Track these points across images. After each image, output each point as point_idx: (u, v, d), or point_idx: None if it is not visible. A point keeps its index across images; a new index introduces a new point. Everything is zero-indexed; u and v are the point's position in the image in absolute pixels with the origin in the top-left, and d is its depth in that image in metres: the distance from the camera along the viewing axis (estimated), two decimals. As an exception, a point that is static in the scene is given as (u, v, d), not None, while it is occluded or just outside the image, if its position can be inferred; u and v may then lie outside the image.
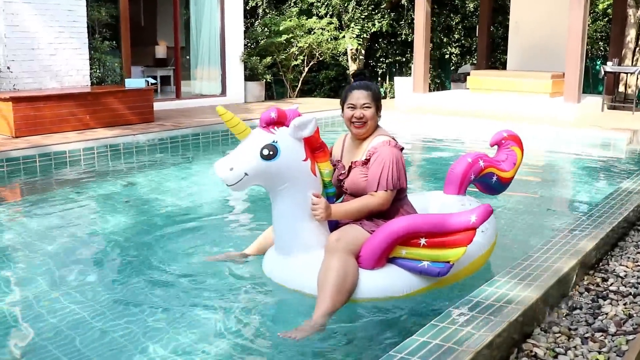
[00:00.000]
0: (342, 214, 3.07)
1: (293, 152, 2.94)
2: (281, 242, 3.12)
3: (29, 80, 8.07)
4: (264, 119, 2.93)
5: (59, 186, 5.98)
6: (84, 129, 7.67)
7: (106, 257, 3.83)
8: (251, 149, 2.87)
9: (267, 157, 2.86)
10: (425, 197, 3.84)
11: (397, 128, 9.78)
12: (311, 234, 3.05)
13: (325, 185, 3.12)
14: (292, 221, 3.03)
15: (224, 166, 2.84)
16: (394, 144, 3.12)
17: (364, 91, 3.15)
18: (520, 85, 10.65)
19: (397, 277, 3.03)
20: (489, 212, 2.96)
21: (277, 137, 2.91)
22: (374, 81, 16.55)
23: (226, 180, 2.85)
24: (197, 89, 11.91)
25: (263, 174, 2.89)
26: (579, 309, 2.98)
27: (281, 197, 3.00)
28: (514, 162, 4.02)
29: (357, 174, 3.14)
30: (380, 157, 3.05)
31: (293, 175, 2.95)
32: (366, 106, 3.13)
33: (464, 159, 3.84)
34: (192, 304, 3.07)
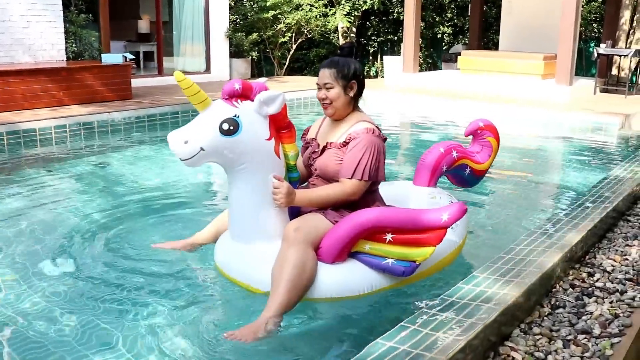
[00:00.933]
0: (306, 202, 2.81)
1: (256, 130, 2.67)
2: (236, 229, 2.85)
3: (0, 54, 7.74)
4: (226, 91, 2.66)
5: (28, 166, 5.72)
6: (57, 105, 7.38)
7: (67, 243, 3.59)
8: (210, 122, 2.59)
9: (226, 132, 2.59)
10: (393, 186, 3.58)
11: (385, 108, 9.57)
12: (269, 221, 2.79)
13: (289, 168, 2.86)
14: (249, 206, 2.76)
15: (178, 138, 2.56)
16: (377, 133, 2.86)
17: (328, 69, 2.87)
18: (512, 67, 10.42)
19: (358, 273, 2.78)
20: (462, 211, 2.73)
21: (240, 112, 2.63)
22: (365, 60, 16.40)
23: (179, 154, 2.58)
24: (180, 65, 11.62)
25: (221, 151, 2.62)
26: (562, 308, 2.79)
27: (239, 178, 2.73)
28: (489, 154, 3.81)
29: (330, 156, 2.87)
30: (362, 143, 2.78)
31: (254, 155, 2.68)
32: (328, 86, 2.86)
33: (436, 148, 3.61)
34: (132, 299, 2.84)
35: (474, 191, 4.95)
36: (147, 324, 2.61)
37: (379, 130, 2.90)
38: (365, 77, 3.00)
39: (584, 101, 9.15)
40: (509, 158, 6.47)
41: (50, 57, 8.20)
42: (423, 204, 3.29)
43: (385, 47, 15.89)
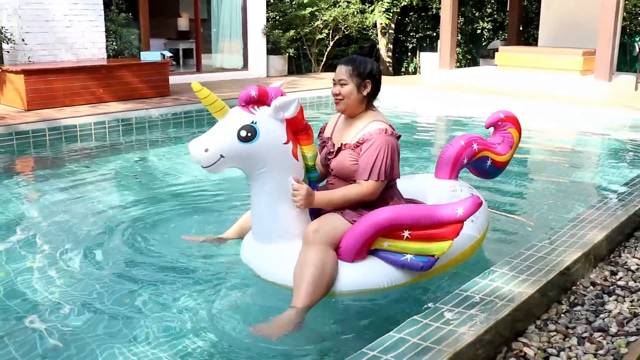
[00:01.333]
0: (325, 203, 2.87)
1: (273, 135, 2.73)
2: (259, 229, 2.94)
3: (44, 52, 8.02)
4: (243, 98, 2.73)
5: (68, 161, 5.93)
6: (97, 102, 7.61)
7: (102, 235, 3.73)
8: (228, 130, 2.66)
9: (244, 138, 2.66)
10: (414, 180, 3.62)
11: (420, 104, 9.54)
12: (291, 222, 2.86)
13: (308, 169, 2.92)
14: (270, 208, 2.84)
15: (198, 146, 2.64)
16: (390, 132, 2.89)
17: (344, 66, 2.91)
18: (550, 62, 10.24)
19: (379, 270, 2.83)
20: (477, 204, 2.75)
21: (257, 118, 2.70)
22: (404, 56, 16.31)
23: (200, 162, 2.67)
24: (218, 62, 11.79)
25: (240, 157, 2.69)
26: (580, 306, 2.79)
27: (260, 182, 2.81)
28: (510, 145, 3.80)
29: (345, 156, 2.92)
30: (376, 144, 2.82)
31: (272, 159, 2.75)
32: (342, 82, 2.90)
33: (457, 141, 3.62)
34: (159, 291, 2.94)
35: (504, 187, 4.94)
36: (172, 316, 2.71)
37: (392, 129, 2.93)
38: (380, 77, 3.01)
39: (623, 97, 8.94)
40: (542, 155, 6.41)
41: (91, 55, 8.45)
42: (444, 197, 3.33)
43: (424, 43, 15.78)
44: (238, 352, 2.48)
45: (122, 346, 2.49)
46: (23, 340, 2.54)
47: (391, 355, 2.05)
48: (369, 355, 2.06)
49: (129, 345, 2.50)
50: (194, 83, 2.68)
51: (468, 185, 3.61)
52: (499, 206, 4.42)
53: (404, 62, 16.30)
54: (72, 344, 2.50)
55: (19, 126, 6.28)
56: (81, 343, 2.52)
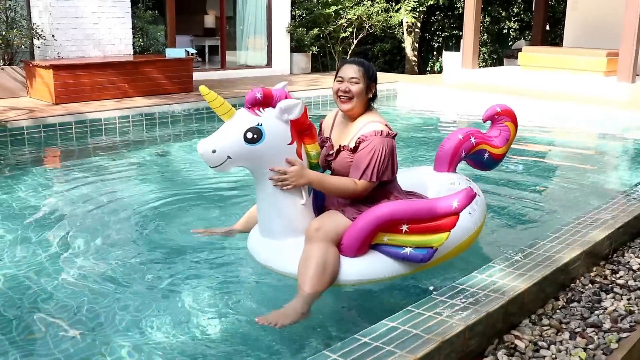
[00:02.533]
0: (316, 183, 2.95)
1: (278, 136, 2.85)
2: (264, 225, 3.06)
3: (73, 48, 8.26)
4: (248, 100, 2.83)
5: (93, 153, 6.13)
6: (123, 97, 7.82)
7: (122, 227, 3.86)
8: (235, 132, 2.78)
9: (251, 140, 2.78)
10: (414, 173, 3.74)
11: (440, 104, 9.57)
12: (295, 219, 2.98)
13: (311, 167, 3.04)
14: (275, 205, 2.96)
15: (206, 147, 2.76)
16: (386, 133, 2.98)
17: (356, 66, 3.01)
18: (574, 63, 10.18)
19: (380, 263, 2.95)
20: (471, 196, 2.84)
21: (262, 120, 2.81)
22: (429, 55, 16.31)
23: (208, 162, 2.79)
24: (242, 59, 11.94)
25: (246, 158, 2.82)
26: (576, 302, 2.85)
27: (265, 181, 2.92)
28: (507, 138, 3.90)
29: (344, 159, 3.03)
30: (371, 145, 2.92)
31: (278, 159, 2.87)
32: (354, 80, 2.99)
33: (455, 135, 3.74)
34: (169, 282, 3.06)
35: (517, 184, 4.99)
36: (180, 306, 2.83)
37: (388, 129, 3.01)
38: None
39: (647, 99, 8.86)
40: (560, 155, 6.43)
41: (118, 51, 8.67)
42: (442, 190, 3.44)
43: (450, 43, 15.77)
44: (245, 340, 2.59)
45: (132, 333, 2.62)
46: (37, 329, 2.67)
47: (381, 342, 2.14)
48: (360, 341, 2.16)
49: (139, 333, 2.62)
50: (201, 87, 2.82)
51: (466, 178, 3.71)
52: (508, 202, 4.48)
53: (429, 61, 16.29)
54: (87, 334, 2.63)
55: (46, 119, 6.50)
56: (93, 332, 2.65)
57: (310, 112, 3.25)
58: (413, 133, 7.52)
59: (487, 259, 3.43)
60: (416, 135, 7.34)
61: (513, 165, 5.68)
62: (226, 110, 2.81)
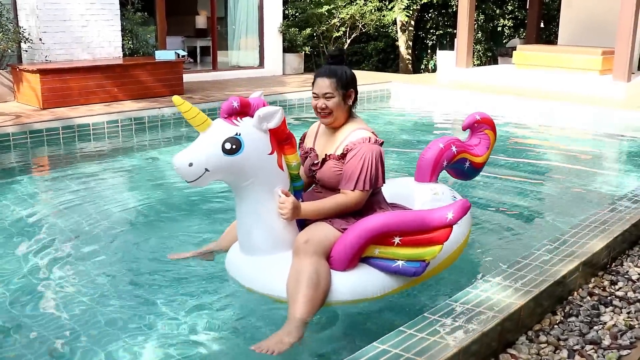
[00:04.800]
0: (312, 214, 2.86)
1: (258, 146, 2.71)
2: (246, 242, 2.92)
3: (61, 51, 8.12)
4: (225, 109, 2.70)
5: (80, 160, 6.01)
6: (112, 101, 7.69)
7: (105, 238, 3.75)
8: (212, 143, 2.63)
9: (229, 151, 2.63)
10: (395, 184, 3.62)
11: (433, 104, 9.48)
12: (279, 234, 2.85)
13: (292, 178, 2.91)
14: (257, 220, 2.81)
15: (182, 161, 2.59)
16: (374, 140, 2.88)
17: (327, 79, 2.86)
18: (569, 62, 10.10)
19: (371, 278, 2.83)
20: (466, 208, 2.75)
21: (241, 130, 2.67)
22: (423, 53, 16.21)
23: (185, 177, 2.61)
24: (234, 60, 11.82)
25: (225, 170, 2.67)
26: (574, 317, 2.76)
27: (245, 194, 2.78)
28: (487, 147, 3.87)
29: (330, 168, 2.92)
30: (360, 153, 2.82)
31: (258, 171, 2.72)
32: (328, 96, 2.87)
33: (436, 144, 3.66)
34: (152, 312, 2.85)
35: (511, 190, 4.89)
36: (168, 336, 2.66)
37: (375, 136, 2.91)
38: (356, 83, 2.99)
39: (643, 98, 8.79)
40: (555, 157, 6.34)
41: (107, 54, 8.54)
42: (426, 200, 3.34)
43: (445, 41, 15.68)
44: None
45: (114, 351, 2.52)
46: (26, 336, 2.61)
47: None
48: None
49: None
50: (175, 97, 2.67)
51: (448, 188, 3.63)
52: (502, 211, 4.38)
53: (423, 59, 16.21)
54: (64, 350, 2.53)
55: (33, 125, 6.37)
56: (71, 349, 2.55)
57: (303, 114, 3.14)
58: (407, 135, 7.42)
59: (480, 272, 3.34)
60: (411, 138, 7.24)
61: (503, 169, 5.58)
62: (202, 121, 2.65)
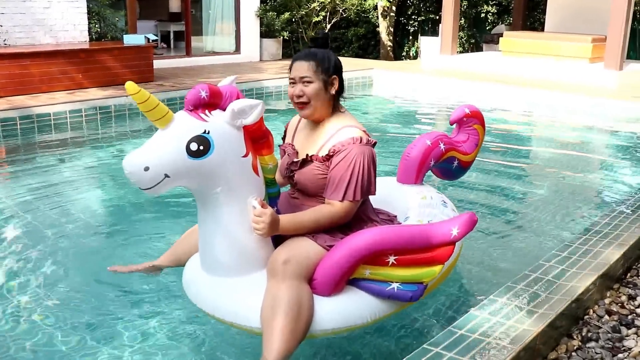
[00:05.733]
0: (292, 229, 2.39)
1: (230, 146, 2.21)
2: (209, 259, 2.42)
3: (21, 35, 7.57)
4: (190, 100, 2.19)
5: (39, 153, 5.53)
6: (76, 88, 7.18)
7: (65, 245, 3.36)
8: (174, 142, 2.12)
9: (195, 153, 2.13)
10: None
11: (417, 93, 9.11)
12: (250, 251, 2.37)
13: (267, 183, 2.43)
14: (224, 234, 2.31)
15: (136, 164, 2.08)
16: (365, 140, 2.43)
17: (305, 62, 2.41)
18: (557, 49, 9.79)
19: (361, 303, 2.38)
20: (473, 222, 2.33)
21: (210, 126, 2.17)
22: (405, 40, 15.82)
23: (139, 184, 2.10)
24: (209, 45, 11.33)
25: (190, 175, 2.16)
26: (594, 341, 2.39)
27: (212, 204, 2.28)
28: (476, 143, 3.47)
29: (312, 170, 2.47)
30: (349, 157, 2.37)
31: (229, 176, 2.23)
32: (306, 81, 2.41)
33: (422, 141, 3.23)
34: (87, 339, 2.45)
35: (503, 191, 4.50)
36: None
37: (367, 136, 2.48)
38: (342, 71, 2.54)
39: (634, 88, 8.47)
40: (547, 152, 5.98)
41: (72, 38, 8.00)
42: (413, 206, 2.91)
43: (427, 27, 15.31)
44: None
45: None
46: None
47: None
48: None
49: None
50: (128, 84, 2.13)
51: (436, 191, 3.22)
52: (498, 215, 3.98)
53: (405, 46, 15.84)
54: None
55: (-14, 115, 5.86)
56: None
57: (281, 104, 2.67)
58: (390, 127, 7.03)
59: (482, 288, 2.95)
60: (394, 130, 6.85)
61: (490, 164, 5.20)
62: (162, 115, 2.14)
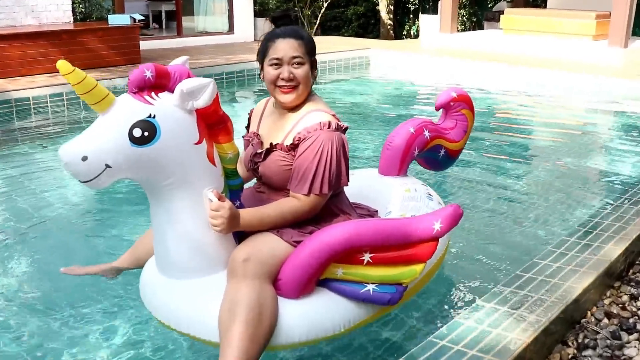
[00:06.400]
0: (255, 224, 2.16)
1: (180, 132, 1.99)
2: (163, 260, 2.20)
3: (1, 16, 7.30)
4: (134, 81, 1.97)
5: (18, 140, 5.30)
6: (57, 71, 6.90)
7: (42, 238, 3.21)
8: (115, 128, 1.91)
9: (140, 140, 1.92)
10: (354, 177, 2.83)
11: (416, 73, 8.82)
12: (207, 250, 2.15)
13: (227, 175, 2.20)
14: (178, 232, 2.10)
15: (73, 154, 1.87)
16: (335, 125, 2.20)
17: (294, 40, 2.20)
18: (560, 26, 9.49)
19: (332, 308, 2.15)
20: (457, 215, 2.10)
21: (156, 110, 1.95)
22: (405, 19, 15.47)
23: (77, 176, 1.90)
24: (201, 25, 11.04)
25: (134, 165, 1.95)
26: (591, 349, 2.18)
27: (163, 197, 2.07)
28: (465, 130, 3.24)
29: (276, 161, 2.24)
30: (316, 144, 2.14)
31: (180, 166, 2.02)
32: (297, 61, 2.20)
33: (404, 128, 2.99)
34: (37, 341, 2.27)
35: (496, 178, 4.24)
36: None
37: (336, 120, 2.24)
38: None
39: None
40: (547, 134, 5.71)
41: (55, 19, 7.72)
42: (395, 199, 2.67)
43: (427, 5, 14.99)
44: None
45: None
46: None
47: None
48: None
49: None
50: (60, 62, 1.90)
51: (421, 183, 2.98)
52: (490, 207, 3.71)
53: (405, 25, 15.53)
54: None
55: (-40, 99, 5.63)
56: None
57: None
58: (386, 109, 6.76)
59: (468, 292, 2.71)
60: (390, 113, 6.59)
61: (485, 148, 4.93)
62: (101, 98, 1.91)
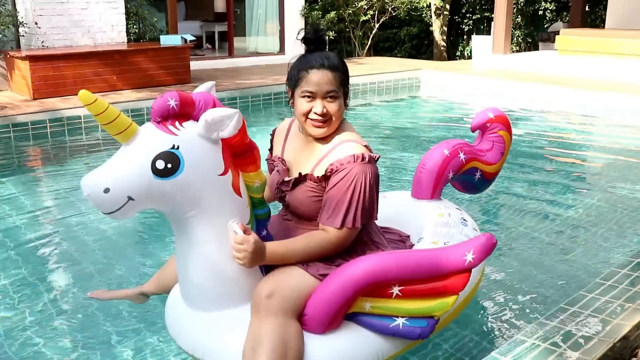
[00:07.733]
0: (279, 259, 2.06)
1: (205, 163, 1.93)
2: (188, 291, 2.12)
3: (59, 36, 7.53)
4: (157, 110, 1.88)
5: (69, 157, 5.43)
6: (110, 90, 7.08)
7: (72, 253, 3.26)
8: (138, 160, 1.85)
9: (163, 172, 1.86)
10: (386, 201, 2.76)
11: (468, 94, 8.65)
12: (232, 283, 2.07)
13: (253, 204, 2.11)
14: (202, 264, 2.04)
15: (94, 186, 1.82)
16: (367, 157, 2.09)
17: (329, 72, 2.09)
18: (618, 47, 9.13)
19: (361, 343, 2.05)
20: (491, 245, 1.99)
21: (179, 140, 1.88)
22: (459, 39, 15.28)
23: (100, 207, 1.84)
24: (252, 46, 11.14)
25: (157, 197, 1.89)
26: (641, 397, 1.99)
27: (187, 230, 2.01)
28: (502, 152, 3.13)
29: (306, 190, 2.15)
30: (349, 177, 2.04)
31: (205, 198, 1.95)
32: (332, 95, 2.10)
33: (439, 150, 2.88)
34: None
35: (542, 206, 4.00)
36: None
37: (369, 151, 2.14)
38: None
39: None
40: (600, 161, 5.44)
41: (110, 39, 7.93)
42: (428, 224, 2.55)
43: (482, 25, 14.78)
44: None
45: None
46: None
47: None
48: None
49: None
50: (81, 93, 1.80)
51: (456, 207, 2.84)
52: (533, 235, 3.53)
53: (459, 46, 15.34)
54: None
55: (16, 117, 5.79)
56: None
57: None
58: (432, 131, 6.62)
59: (505, 325, 2.55)
60: (436, 134, 6.44)
61: (534, 173, 4.72)
62: (124, 128, 1.85)
